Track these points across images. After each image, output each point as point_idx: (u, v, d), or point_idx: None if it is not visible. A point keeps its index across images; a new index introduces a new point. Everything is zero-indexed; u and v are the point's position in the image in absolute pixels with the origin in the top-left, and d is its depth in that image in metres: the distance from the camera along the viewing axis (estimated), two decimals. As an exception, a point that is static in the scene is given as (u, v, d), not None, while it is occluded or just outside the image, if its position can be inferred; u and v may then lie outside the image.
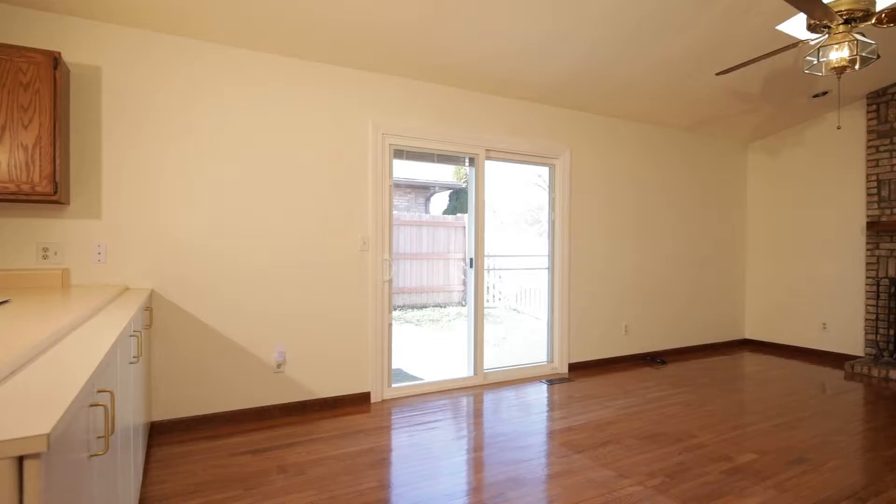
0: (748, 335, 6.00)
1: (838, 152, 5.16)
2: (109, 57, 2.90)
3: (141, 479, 2.30)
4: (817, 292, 5.34)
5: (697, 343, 5.60)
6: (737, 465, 2.65)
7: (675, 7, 3.11)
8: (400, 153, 3.84)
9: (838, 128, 3.89)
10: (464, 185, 11.67)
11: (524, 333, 7.40)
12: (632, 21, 3.22)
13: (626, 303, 5.04)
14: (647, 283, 5.20)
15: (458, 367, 4.60)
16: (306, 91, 3.44)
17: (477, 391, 4.02)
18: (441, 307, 9.32)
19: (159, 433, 3.05)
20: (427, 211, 11.42)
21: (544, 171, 4.65)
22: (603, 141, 4.86)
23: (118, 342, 1.30)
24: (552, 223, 4.58)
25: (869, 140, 4.83)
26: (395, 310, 9.00)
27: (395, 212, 10.62)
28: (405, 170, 10.48)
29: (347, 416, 3.39)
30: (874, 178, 4.80)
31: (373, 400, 3.69)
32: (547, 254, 4.63)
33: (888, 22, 2.48)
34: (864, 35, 2.61)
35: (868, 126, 4.84)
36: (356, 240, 3.63)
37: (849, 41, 2.56)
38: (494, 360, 4.84)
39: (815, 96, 4.78)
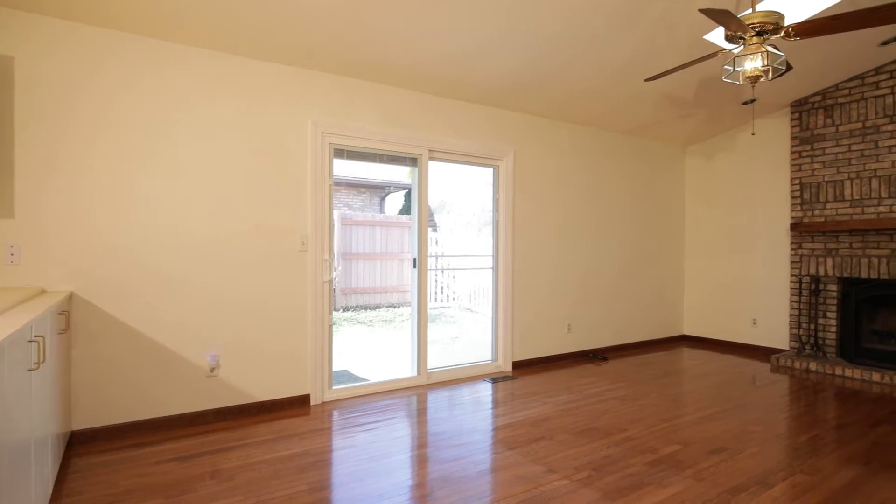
0: (686, 331, 6.25)
1: (766, 157, 5.45)
2: (23, 46, 2.74)
3: (51, 491, 2.19)
4: (748, 290, 5.63)
5: (638, 339, 5.80)
6: (660, 456, 2.76)
7: (612, 17, 3.22)
8: (341, 153, 3.80)
9: (752, 134, 4.12)
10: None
11: (476, 333, 7.46)
12: (571, 27, 3.31)
13: (570, 301, 5.16)
14: (590, 282, 5.34)
15: (404, 368, 4.59)
16: (242, 88, 3.36)
17: (420, 391, 4.03)
18: (395, 307, 9.29)
19: (81, 443, 2.91)
20: (382, 211, 11.35)
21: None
22: (547, 143, 4.96)
23: (2, 348, 1.23)
24: (496, 223, 4.65)
25: (793, 146, 5.13)
26: (347, 311, 8.93)
27: (348, 211, 10.52)
28: (359, 169, 10.38)
29: (285, 420, 3.33)
30: (797, 181, 5.09)
31: (312, 402, 3.64)
32: (491, 254, 4.69)
33: (795, 35, 2.64)
34: (776, 47, 2.77)
35: (792, 133, 5.14)
36: (295, 240, 3.57)
37: (761, 52, 2.71)
38: (446, 359, 4.86)
39: (744, 103, 5.03)
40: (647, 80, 3.19)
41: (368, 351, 5.97)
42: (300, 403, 3.61)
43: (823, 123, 4.91)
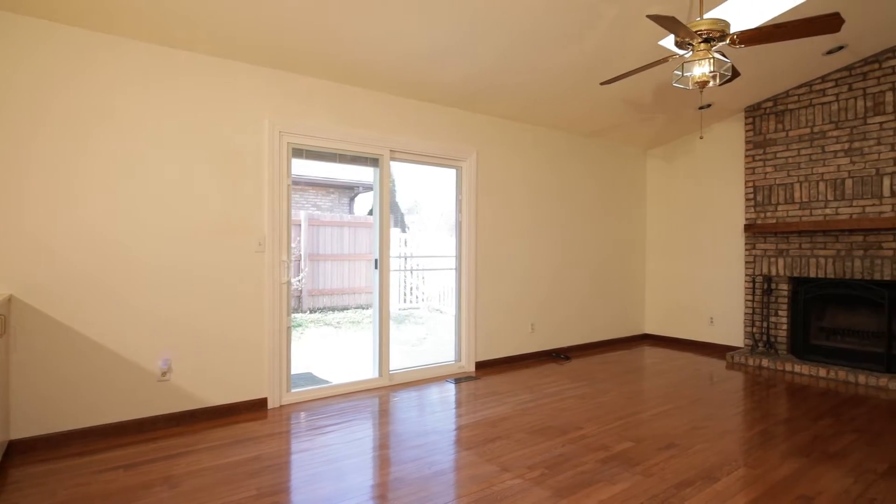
0: (648, 330, 6.39)
1: (722, 160, 5.62)
2: (-43, 38, 2.62)
3: (-19, 503, 2.09)
4: (706, 289, 5.79)
5: (601, 339, 5.90)
6: (613, 453, 2.81)
7: (569, 20, 3.26)
8: (300, 152, 3.75)
9: (701, 137, 4.25)
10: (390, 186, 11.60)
11: (444, 333, 7.47)
12: (531, 31, 3.34)
13: (533, 301, 5.21)
14: (554, 282, 5.40)
15: (366, 370, 4.56)
16: (196, 85, 3.28)
17: (382, 393, 4.01)
18: (363, 308, 9.22)
19: (20, 452, 2.79)
20: (351, 211, 11.26)
21: (452, 172, 4.71)
22: (510, 145, 5.00)
23: None
24: (459, 224, 4.66)
25: (747, 150, 5.30)
26: (314, 312, 8.82)
27: (316, 212, 10.40)
28: (328, 169, 10.27)
29: (240, 424, 3.27)
30: (751, 184, 5.26)
31: (270, 406, 3.58)
32: (454, 254, 4.70)
33: (739, 43, 2.72)
34: (723, 55, 2.85)
35: (746, 137, 5.31)
36: (251, 241, 3.51)
37: (708, 59, 2.79)
38: (414, 360, 4.85)
39: (700, 108, 5.17)
40: (602, 83, 3.25)
41: (334, 353, 5.90)
42: (257, 407, 3.54)
43: (775, 128, 5.09)
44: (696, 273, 5.89)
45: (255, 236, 3.51)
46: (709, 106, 5.13)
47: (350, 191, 11.21)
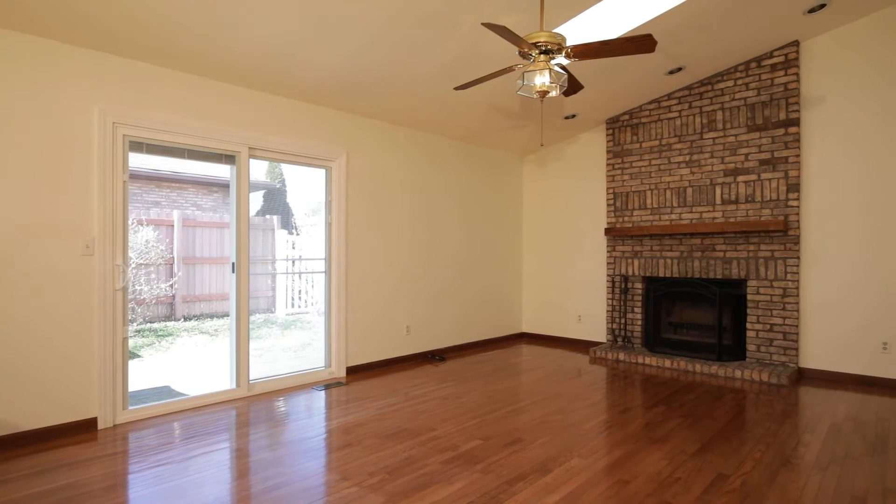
0: (525, 329, 6.66)
1: (589, 168, 6.00)
2: None
3: None
4: (575, 289, 6.15)
5: (480, 338, 6.04)
6: (459, 453, 2.84)
7: (427, 24, 3.28)
8: (139, 146, 3.42)
9: (541, 144, 4.52)
10: (278, 186, 11.15)
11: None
12: (390, 31, 3.31)
13: (408, 303, 5.21)
14: (429, 283, 5.44)
15: (224, 380, 4.28)
16: (7, 65, 2.87)
17: (240, 404, 3.77)
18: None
19: None
20: (237, 212, 10.61)
21: (322, 173, 4.57)
22: (382, 146, 4.96)
23: None
24: (329, 226, 4.53)
25: (608, 159, 5.70)
26: (189, 320, 8.18)
27: (196, 212, 9.68)
28: (213, 168, 9.60)
29: (59, 449, 2.90)
30: (611, 191, 5.67)
31: (101, 426, 3.22)
32: (324, 257, 4.56)
33: (574, 56, 2.89)
34: (562, 67, 3.01)
35: (607, 147, 5.71)
36: (76, 243, 3.13)
37: (547, 69, 2.93)
38: (296, 366, 4.63)
39: (566, 118, 5.48)
40: (456, 88, 3.30)
41: (204, 363, 5.50)
42: (84, 429, 3.17)
43: (630, 140, 5.53)
44: (566, 273, 6.23)
45: (81, 238, 3.15)
46: (574, 116, 5.45)
47: (235, 190, 10.57)
